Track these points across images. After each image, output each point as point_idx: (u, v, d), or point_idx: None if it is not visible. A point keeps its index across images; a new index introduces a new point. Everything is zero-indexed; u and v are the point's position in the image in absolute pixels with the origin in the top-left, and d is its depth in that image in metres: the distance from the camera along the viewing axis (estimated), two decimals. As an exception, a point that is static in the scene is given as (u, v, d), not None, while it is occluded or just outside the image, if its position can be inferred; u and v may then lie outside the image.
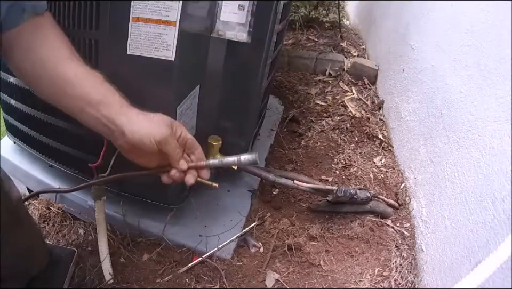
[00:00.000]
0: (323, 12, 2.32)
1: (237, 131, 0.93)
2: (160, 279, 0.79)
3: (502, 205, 0.62)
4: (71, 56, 0.56)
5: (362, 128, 1.36)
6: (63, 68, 0.54)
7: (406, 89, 1.27)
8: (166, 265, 0.82)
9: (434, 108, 1.01)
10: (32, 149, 0.93)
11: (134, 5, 0.61)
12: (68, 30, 0.67)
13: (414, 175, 1.06)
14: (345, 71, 1.73)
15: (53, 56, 0.55)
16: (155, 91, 0.68)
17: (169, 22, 0.62)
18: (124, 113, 0.55)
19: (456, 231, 0.75)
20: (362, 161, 1.22)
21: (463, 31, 0.92)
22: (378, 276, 0.85)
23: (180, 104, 0.72)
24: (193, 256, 0.85)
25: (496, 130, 0.69)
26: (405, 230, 0.96)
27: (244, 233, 0.91)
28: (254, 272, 0.84)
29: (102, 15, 0.63)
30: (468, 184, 0.76)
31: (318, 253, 0.90)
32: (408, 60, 1.30)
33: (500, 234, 0.60)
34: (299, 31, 2.11)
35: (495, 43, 0.76)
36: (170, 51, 0.63)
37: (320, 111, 1.48)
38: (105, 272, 0.77)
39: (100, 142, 0.69)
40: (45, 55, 0.54)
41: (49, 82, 0.55)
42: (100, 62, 0.67)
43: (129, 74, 0.67)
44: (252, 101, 0.91)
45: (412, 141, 1.13)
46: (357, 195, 0.95)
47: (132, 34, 0.63)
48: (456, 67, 0.92)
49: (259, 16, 0.74)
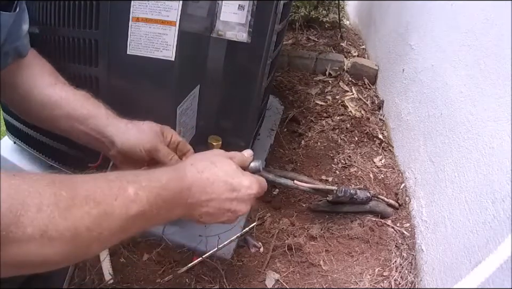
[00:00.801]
0: (323, 12, 2.32)
1: (237, 131, 0.93)
2: (160, 279, 0.79)
3: (502, 205, 0.62)
4: (55, 81, 0.60)
5: (362, 128, 1.36)
6: (50, 93, 0.58)
7: (406, 89, 1.27)
8: (166, 265, 0.82)
9: (434, 108, 1.01)
10: (32, 149, 0.93)
11: (134, 5, 0.61)
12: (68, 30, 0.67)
13: (414, 175, 1.06)
14: (345, 71, 1.73)
15: (39, 85, 0.58)
16: (155, 91, 0.69)
17: (169, 22, 0.62)
18: (112, 124, 0.57)
19: (456, 231, 0.75)
20: (362, 161, 1.22)
21: (463, 31, 0.92)
22: (378, 276, 0.85)
23: (180, 104, 0.72)
24: (193, 256, 0.85)
25: (496, 130, 0.69)
26: (405, 230, 0.96)
27: (244, 233, 0.91)
28: (254, 272, 0.84)
29: (102, 15, 0.63)
30: (468, 184, 0.75)
31: (318, 253, 0.90)
32: (408, 60, 1.30)
33: (500, 234, 0.60)
34: (299, 31, 2.11)
35: (495, 43, 0.76)
36: (170, 51, 0.63)
37: (320, 111, 1.48)
38: (105, 272, 0.77)
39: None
40: (32, 86, 0.58)
41: (38, 108, 0.58)
42: (100, 62, 0.67)
43: (129, 74, 0.67)
44: (252, 101, 0.91)
45: (412, 141, 1.13)
46: (357, 195, 0.95)
47: (132, 34, 0.63)
48: (456, 67, 0.92)
49: (259, 16, 0.74)
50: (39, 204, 0.33)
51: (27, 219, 0.32)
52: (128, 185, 0.40)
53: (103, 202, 0.37)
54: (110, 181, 0.40)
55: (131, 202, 0.39)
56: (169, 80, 0.67)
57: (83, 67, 0.69)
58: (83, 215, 0.35)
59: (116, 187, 0.39)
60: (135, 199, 0.40)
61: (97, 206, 0.37)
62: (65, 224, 0.34)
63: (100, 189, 0.38)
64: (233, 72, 0.83)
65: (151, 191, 0.42)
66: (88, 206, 0.36)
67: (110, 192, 0.38)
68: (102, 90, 0.69)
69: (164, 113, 0.71)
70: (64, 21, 0.67)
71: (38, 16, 0.71)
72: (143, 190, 0.41)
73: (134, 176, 0.42)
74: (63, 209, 0.34)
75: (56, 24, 0.69)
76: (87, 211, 0.36)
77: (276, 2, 0.79)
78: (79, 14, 0.65)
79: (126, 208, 0.39)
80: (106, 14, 0.63)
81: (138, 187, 0.41)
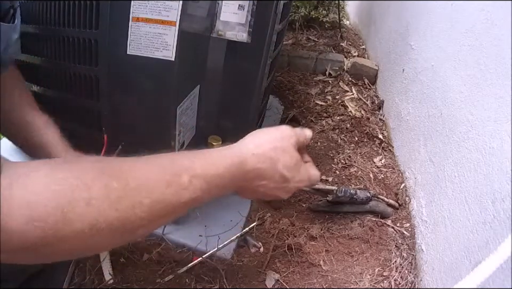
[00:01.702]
0: (323, 12, 2.32)
1: (237, 131, 0.93)
2: (160, 279, 0.79)
3: (502, 205, 0.62)
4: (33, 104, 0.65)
5: (362, 128, 1.36)
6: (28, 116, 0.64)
7: (406, 89, 1.27)
8: (166, 265, 0.82)
9: (434, 108, 1.01)
10: (32, 149, 0.93)
11: (134, 5, 0.61)
12: (68, 30, 0.67)
13: (414, 175, 1.06)
14: (345, 71, 1.73)
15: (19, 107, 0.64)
16: (155, 91, 0.68)
17: (169, 22, 0.62)
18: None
19: (456, 231, 0.75)
20: (362, 161, 1.22)
21: (463, 31, 0.92)
22: (378, 276, 0.85)
23: (180, 104, 0.72)
24: (193, 256, 0.85)
25: (496, 130, 0.69)
26: (405, 230, 0.96)
27: (244, 233, 0.91)
28: (254, 272, 0.84)
29: (102, 15, 0.63)
30: (468, 184, 0.75)
31: (318, 252, 0.90)
32: (408, 60, 1.30)
33: (500, 234, 0.60)
34: (299, 31, 2.10)
35: (495, 43, 0.76)
36: (170, 51, 0.63)
37: (320, 111, 1.48)
38: (105, 272, 0.77)
39: (100, 142, 0.70)
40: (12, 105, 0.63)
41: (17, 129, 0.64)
42: (100, 62, 0.67)
43: (129, 74, 0.67)
44: (252, 101, 0.91)
45: (412, 141, 1.13)
46: (357, 195, 0.95)
47: (132, 34, 0.63)
48: (456, 67, 0.92)
49: (259, 16, 0.74)
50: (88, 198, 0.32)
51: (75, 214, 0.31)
52: (183, 173, 0.38)
53: (155, 191, 0.36)
54: (163, 167, 0.38)
55: (183, 190, 0.38)
56: (169, 80, 0.67)
57: (83, 67, 0.69)
58: (134, 204, 0.34)
59: (169, 174, 0.38)
60: (188, 186, 0.38)
61: (149, 194, 0.36)
62: (116, 215, 0.33)
63: (153, 175, 0.37)
64: (233, 72, 0.83)
65: (205, 179, 0.40)
66: (140, 196, 0.35)
67: (162, 178, 0.37)
68: (102, 90, 0.69)
69: (163, 113, 0.71)
70: (64, 21, 0.67)
71: (38, 16, 0.71)
72: (197, 178, 0.39)
73: (190, 161, 0.40)
74: (114, 200, 0.33)
75: (56, 24, 0.69)
76: (139, 201, 0.35)
77: (276, 2, 0.79)
78: (79, 14, 0.65)
79: (178, 196, 0.38)
80: (106, 14, 0.63)
81: (193, 174, 0.39)
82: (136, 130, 0.74)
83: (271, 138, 0.50)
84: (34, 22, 0.73)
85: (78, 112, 0.76)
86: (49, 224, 0.30)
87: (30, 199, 0.29)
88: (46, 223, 0.29)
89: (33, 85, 0.81)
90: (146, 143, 0.75)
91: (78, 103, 0.74)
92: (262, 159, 0.47)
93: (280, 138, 0.50)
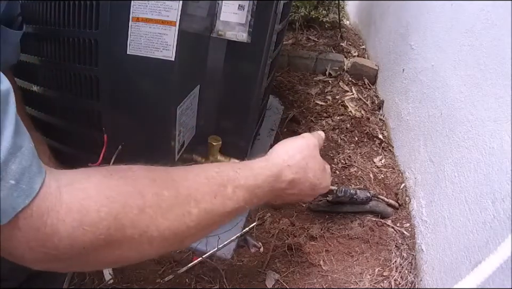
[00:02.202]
0: (323, 12, 2.32)
1: (237, 131, 0.93)
2: (160, 279, 0.79)
3: (502, 205, 0.62)
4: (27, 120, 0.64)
5: (362, 128, 1.36)
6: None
7: (406, 89, 1.27)
8: (166, 265, 0.82)
9: (434, 108, 1.01)
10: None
11: (134, 5, 0.61)
12: (68, 30, 0.67)
13: (414, 175, 1.06)
14: (345, 71, 1.73)
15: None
16: (155, 92, 0.69)
17: (169, 22, 0.62)
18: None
19: (456, 231, 0.75)
20: (362, 161, 1.22)
21: (463, 31, 0.92)
22: (378, 276, 0.85)
23: (180, 104, 0.72)
24: (193, 256, 0.85)
25: (496, 130, 0.69)
26: (405, 230, 0.96)
27: (244, 233, 0.91)
28: (254, 272, 0.84)
29: (102, 15, 0.63)
30: (468, 184, 0.75)
31: (318, 252, 0.90)
32: (408, 60, 1.30)
33: (500, 234, 0.60)
34: (299, 31, 2.11)
35: (495, 43, 0.76)
36: (170, 51, 0.63)
37: (320, 111, 1.48)
38: (105, 272, 0.77)
39: (100, 142, 0.70)
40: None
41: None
42: (100, 62, 0.67)
43: (129, 74, 0.67)
44: (252, 101, 0.91)
45: (412, 141, 1.13)
46: (357, 195, 0.95)
47: (132, 34, 0.63)
48: (456, 67, 0.92)
49: (259, 16, 0.74)
50: (141, 205, 0.32)
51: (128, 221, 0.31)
52: (228, 184, 0.41)
53: (203, 201, 0.38)
54: (211, 178, 0.40)
55: (228, 200, 0.40)
56: (169, 80, 0.67)
57: (83, 67, 0.69)
58: (184, 213, 0.36)
59: (216, 184, 0.40)
60: (232, 196, 0.41)
61: (198, 204, 0.37)
62: (166, 224, 0.34)
63: (201, 186, 0.38)
64: (233, 72, 0.83)
65: (247, 189, 0.43)
66: (189, 205, 0.36)
67: (210, 189, 0.39)
68: (102, 90, 0.69)
69: (163, 113, 0.71)
70: (64, 21, 0.67)
71: (38, 16, 0.71)
72: (240, 189, 0.42)
73: (235, 172, 0.43)
74: (165, 209, 0.34)
75: (56, 24, 0.69)
76: (188, 210, 0.36)
77: (276, 2, 0.79)
78: (79, 14, 0.65)
79: (223, 205, 0.40)
80: (106, 14, 0.63)
81: (237, 185, 0.42)
82: (136, 130, 0.74)
83: (300, 148, 0.53)
84: (34, 22, 0.73)
85: (78, 112, 0.76)
86: (100, 229, 0.30)
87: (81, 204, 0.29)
88: (97, 228, 0.30)
89: (33, 85, 0.81)
90: (147, 143, 0.75)
91: (78, 103, 0.74)
92: (296, 170, 0.50)
93: (306, 146, 0.54)
